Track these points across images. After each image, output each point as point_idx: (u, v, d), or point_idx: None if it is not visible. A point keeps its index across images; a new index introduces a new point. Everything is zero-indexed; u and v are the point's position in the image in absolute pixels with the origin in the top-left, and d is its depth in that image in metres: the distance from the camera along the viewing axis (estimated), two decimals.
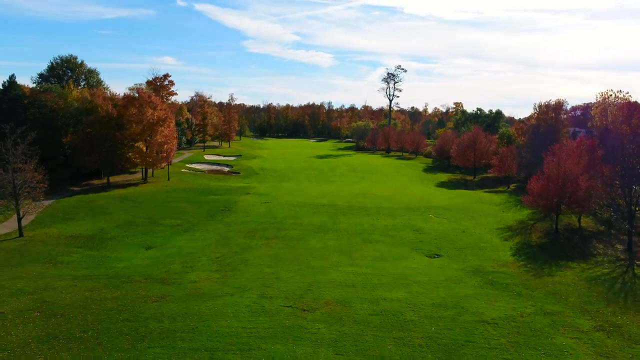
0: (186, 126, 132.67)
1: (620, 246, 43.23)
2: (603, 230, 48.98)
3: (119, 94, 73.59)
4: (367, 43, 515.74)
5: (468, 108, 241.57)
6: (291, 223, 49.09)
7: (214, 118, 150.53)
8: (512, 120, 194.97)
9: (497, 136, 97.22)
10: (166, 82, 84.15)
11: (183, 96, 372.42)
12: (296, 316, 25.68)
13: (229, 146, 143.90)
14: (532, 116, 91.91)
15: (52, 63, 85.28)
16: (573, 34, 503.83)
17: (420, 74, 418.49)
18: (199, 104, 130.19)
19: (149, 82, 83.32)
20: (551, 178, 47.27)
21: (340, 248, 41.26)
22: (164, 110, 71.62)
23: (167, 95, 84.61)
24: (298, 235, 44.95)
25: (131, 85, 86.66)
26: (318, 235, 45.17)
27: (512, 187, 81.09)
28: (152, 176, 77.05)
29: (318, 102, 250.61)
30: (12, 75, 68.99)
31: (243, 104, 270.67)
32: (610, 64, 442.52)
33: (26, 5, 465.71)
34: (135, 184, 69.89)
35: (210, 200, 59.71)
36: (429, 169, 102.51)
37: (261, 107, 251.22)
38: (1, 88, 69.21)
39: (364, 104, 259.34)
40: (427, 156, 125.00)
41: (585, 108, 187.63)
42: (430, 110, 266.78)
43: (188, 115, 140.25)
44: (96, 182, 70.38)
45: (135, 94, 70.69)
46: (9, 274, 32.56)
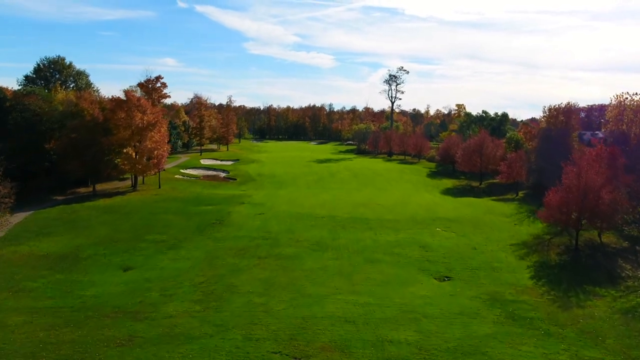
0: (183, 129, 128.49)
1: None
2: (627, 246, 44.52)
3: (114, 97, 69.09)
4: (368, 44, 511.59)
5: (470, 110, 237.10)
6: (287, 239, 44.68)
7: (213, 120, 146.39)
8: (515, 122, 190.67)
9: (505, 140, 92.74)
10: (158, 85, 79.77)
11: (183, 98, 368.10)
12: None
13: (227, 149, 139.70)
14: (541, 119, 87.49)
15: (39, 64, 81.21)
16: (574, 35, 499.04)
17: (421, 76, 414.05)
18: (196, 107, 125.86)
19: (141, 85, 78.99)
20: (571, 190, 42.83)
21: (339, 269, 36.85)
22: (154, 114, 67.25)
23: (160, 98, 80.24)
24: (294, 253, 40.55)
25: (128, 87, 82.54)
26: (316, 253, 40.75)
27: (521, 195, 76.66)
28: (143, 183, 72.74)
29: (319, 104, 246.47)
30: None
31: (243, 106, 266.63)
32: (611, 65, 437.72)
33: (26, 5, 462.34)
34: (123, 193, 65.57)
35: (201, 211, 55.33)
36: (433, 174, 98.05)
37: (261, 109, 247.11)
38: None
39: (366, 106, 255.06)
40: (431, 160, 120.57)
41: (589, 110, 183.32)
42: (432, 112, 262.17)
43: (185, 117, 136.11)
44: (82, 191, 66.09)
45: (123, 97, 66.26)
46: None
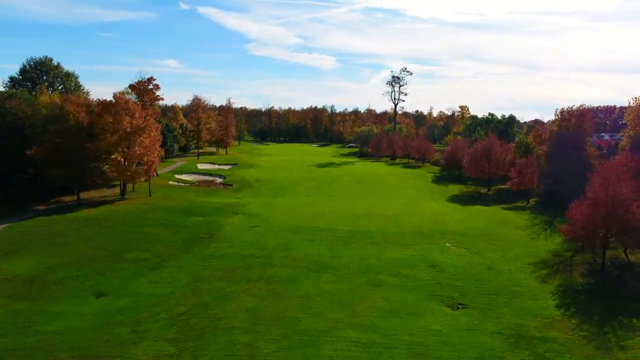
0: (180, 132, 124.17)
1: None
2: None
3: (100, 100, 64.62)
4: (370, 46, 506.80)
5: (473, 111, 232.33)
6: (281, 257, 40.17)
7: (212, 123, 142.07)
8: (519, 123, 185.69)
9: (514, 145, 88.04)
10: (150, 86, 75.44)
11: (184, 100, 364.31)
12: None
13: (226, 152, 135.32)
14: (552, 123, 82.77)
15: (25, 65, 76.94)
16: (575, 36, 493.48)
17: (422, 77, 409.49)
18: (193, 109, 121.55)
19: (132, 87, 74.73)
20: (597, 204, 38.21)
21: (339, 296, 32.35)
22: (144, 118, 62.86)
23: (152, 100, 75.90)
24: (288, 275, 36.05)
25: (123, 89, 78.48)
26: (313, 275, 36.25)
27: (533, 202, 72.03)
28: (133, 191, 68.34)
29: (320, 106, 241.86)
30: None
31: (244, 108, 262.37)
32: (612, 66, 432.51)
33: (27, 7, 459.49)
34: (110, 202, 61.16)
35: (191, 223, 50.87)
36: (438, 180, 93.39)
37: (262, 111, 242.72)
38: None
39: (368, 107, 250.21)
40: (435, 164, 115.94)
41: (594, 111, 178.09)
42: (435, 113, 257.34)
43: (183, 120, 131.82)
44: (67, 199, 61.70)
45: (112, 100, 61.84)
46: None
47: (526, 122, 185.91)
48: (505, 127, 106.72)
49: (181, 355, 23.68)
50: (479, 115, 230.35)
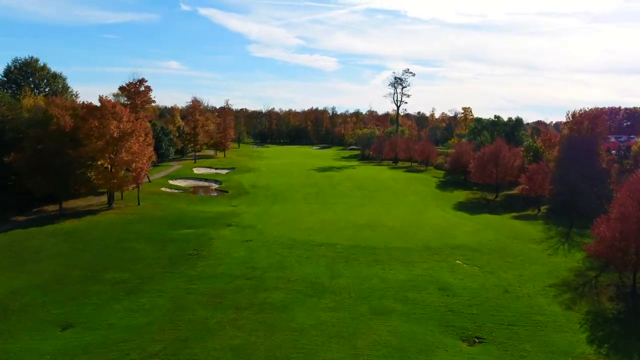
0: (177, 135, 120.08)
1: None
2: None
3: (85, 103, 60.52)
4: (371, 47, 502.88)
5: (474, 112, 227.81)
6: (275, 278, 35.98)
7: (211, 125, 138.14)
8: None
9: (522, 149, 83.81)
10: (142, 89, 71.34)
11: (184, 102, 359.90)
12: None
13: (224, 156, 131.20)
14: (564, 126, 78.53)
15: (9, 66, 72.81)
16: (575, 37, 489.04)
17: (424, 78, 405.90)
18: (190, 111, 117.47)
19: (123, 88, 70.63)
20: (627, 219, 33.94)
21: (339, 328, 28.15)
22: (132, 122, 58.76)
23: (144, 103, 71.78)
24: (281, 301, 31.86)
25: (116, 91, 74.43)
26: (309, 301, 32.06)
27: (544, 210, 67.83)
28: (122, 199, 64.25)
29: (322, 107, 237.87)
30: None
31: (245, 109, 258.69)
32: (613, 67, 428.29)
33: (29, 8, 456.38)
34: (95, 212, 57.00)
35: (179, 237, 46.72)
36: (443, 185, 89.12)
37: (263, 113, 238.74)
38: None
39: (369, 109, 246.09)
40: (439, 168, 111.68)
41: (607, 114, 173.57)
42: (437, 115, 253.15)
43: (181, 122, 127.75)
44: (50, 209, 57.61)
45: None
46: None
47: (529, 124, 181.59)
48: (511, 130, 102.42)
49: None
50: (481, 116, 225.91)
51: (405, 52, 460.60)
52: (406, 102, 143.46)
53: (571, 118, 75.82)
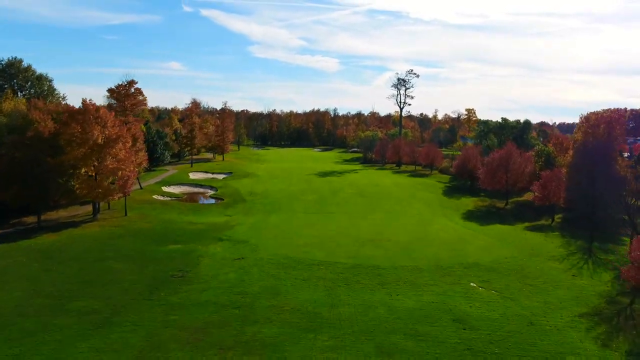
0: (174, 138, 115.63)
1: None
2: None
3: (67, 106, 56.07)
4: (373, 47, 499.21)
5: (477, 113, 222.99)
6: (267, 307, 31.43)
7: (210, 127, 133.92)
8: None
9: (533, 154, 79.13)
10: (132, 91, 66.89)
11: (183, 103, 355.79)
12: None
13: (223, 159, 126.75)
14: (578, 129, 73.83)
15: None
16: (578, 38, 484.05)
17: (426, 79, 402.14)
18: (187, 114, 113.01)
19: (111, 91, 66.18)
20: None
21: None
22: (118, 127, 54.34)
23: (133, 106, 67.34)
24: (273, 337, 27.30)
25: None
26: (305, 337, 27.48)
27: (558, 220, 63.27)
28: (108, 209, 59.79)
29: (323, 108, 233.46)
30: None
31: (246, 110, 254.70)
32: (615, 68, 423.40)
33: (31, 10, 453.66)
34: (77, 224, 52.54)
35: (163, 255, 42.20)
36: (449, 191, 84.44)
37: (264, 114, 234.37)
38: None
39: (372, 110, 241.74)
40: (444, 172, 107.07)
41: (624, 116, 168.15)
42: (440, 116, 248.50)
43: (178, 125, 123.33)
44: (29, 221, 53.15)
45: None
46: None
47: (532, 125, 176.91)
48: (520, 133, 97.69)
49: None
50: (482, 117, 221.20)
51: (407, 53, 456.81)
52: (409, 104, 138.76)
53: (585, 121, 71.27)
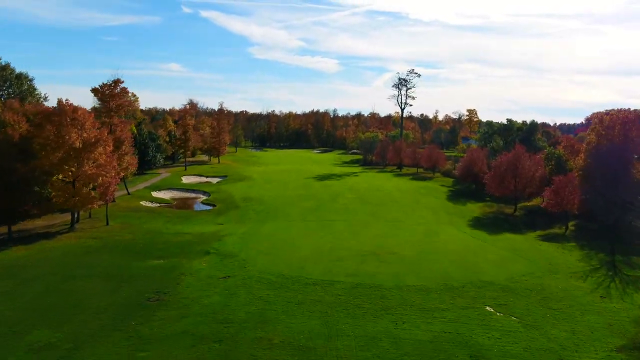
0: (167, 140, 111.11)
1: None
2: None
3: (42, 107, 51.41)
4: (373, 48, 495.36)
5: (479, 114, 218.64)
6: (252, 339, 26.81)
7: (206, 129, 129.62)
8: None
9: (543, 156, 74.53)
10: (117, 90, 62.31)
11: (182, 104, 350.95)
12: None
13: (219, 162, 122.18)
14: (591, 131, 69.08)
15: None
16: (578, 39, 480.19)
17: (426, 80, 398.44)
18: (180, 115, 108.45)
19: (96, 90, 61.56)
20: None
21: None
22: (98, 129, 49.78)
23: (119, 106, 62.72)
24: None
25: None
26: None
27: (572, 228, 58.66)
28: (89, 217, 55.20)
29: (323, 109, 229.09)
30: None
31: (245, 111, 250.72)
32: (617, 68, 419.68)
33: (33, 12, 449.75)
34: (52, 235, 47.90)
35: (142, 273, 37.56)
36: (454, 196, 79.91)
37: (263, 115, 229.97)
38: None
39: (372, 111, 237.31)
40: (447, 175, 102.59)
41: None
42: (440, 117, 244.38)
43: (172, 127, 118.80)
44: (1, 231, 48.56)
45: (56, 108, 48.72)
46: None
47: None
48: (526, 135, 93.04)
49: None
50: (483, 118, 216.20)
51: (406, 54, 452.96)
52: (411, 105, 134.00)
53: (599, 123, 66.64)
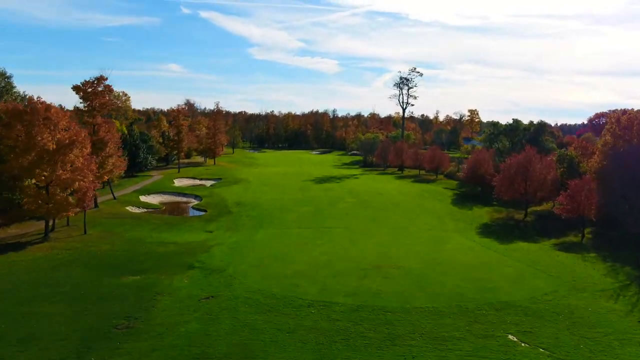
0: (161, 141, 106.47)
1: None
2: None
3: (10, 105, 46.52)
4: (372, 49, 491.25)
5: (480, 115, 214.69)
6: None
7: (203, 129, 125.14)
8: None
9: (555, 158, 69.87)
10: (101, 88, 57.65)
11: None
12: None
13: (214, 163, 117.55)
14: (606, 132, 64.39)
15: None
16: (578, 39, 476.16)
17: (426, 80, 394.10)
18: (173, 115, 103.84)
19: (77, 88, 56.86)
20: None
21: None
22: (74, 129, 45.16)
23: (102, 105, 58.03)
24: None
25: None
26: None
27: (589, 235, 54.06)
28: (67, 225, 50.55)
29: (322, 110, 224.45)
30: None
31: (244, 112, 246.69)
32: (616, 69, 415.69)
33: (33, 13, 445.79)
34: (22, 246, 43.12)
35: (114, 291, 32.82)
36: (459, 200, 75.20)
37: (262, 115, 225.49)
38: None
39: (372, 112, 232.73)
40: (450, 177, 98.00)
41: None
42: (441, 117, 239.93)
43: (166, 127, 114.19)
44: None
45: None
46: None
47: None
48: (534, 135, 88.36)
49: None
50: (483, 119, 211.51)
51: (406, 55, 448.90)
52: (412, 105, 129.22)
53: (616, 123, 62.02)
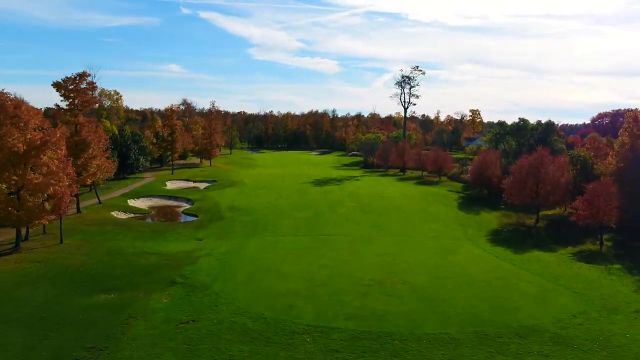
0: (154, 141, 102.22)
1: None
2: None
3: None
4: (372, 49, 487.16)
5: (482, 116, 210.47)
6: None
7: (199, 129, 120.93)
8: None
9: (567, 159, 65.58)
10: (83, 85, 53.42)
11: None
12: None
13: (210, 164, 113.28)
14: (623, 131, 60.08)
15: None
16: (578, 39, 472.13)
17: (426, 81, 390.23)
18: (166, 115, 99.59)
19: (58, 85, 52.64)
20: None
21: None
22: (48, 130, 40.89)
23: (84, 103, 53.80)
24: None
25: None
26: None
27: (608, 243, 49.83)
28: (44, 233, 46.25)
29: (322, 110, 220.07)
30: None
31: (243, 112, 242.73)
32: (616, 69, 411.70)
33: (33, 14, 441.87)
34: None
35: (80, 314, 28.47)
36: (466, 203, 70.83)
37: (261, 115, 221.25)
38: None
39: (372, 112, 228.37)
40: (454, 179, 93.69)
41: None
42: (442, 117, 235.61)
43: (160, 128, 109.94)
44: None
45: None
46: None
47: None
48: (542, 136, 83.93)
49: None
50: (485, 120, 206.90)
51: (406, 55, 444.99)
52: (414, 104, 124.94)
53: (633, 122, 57.82)
